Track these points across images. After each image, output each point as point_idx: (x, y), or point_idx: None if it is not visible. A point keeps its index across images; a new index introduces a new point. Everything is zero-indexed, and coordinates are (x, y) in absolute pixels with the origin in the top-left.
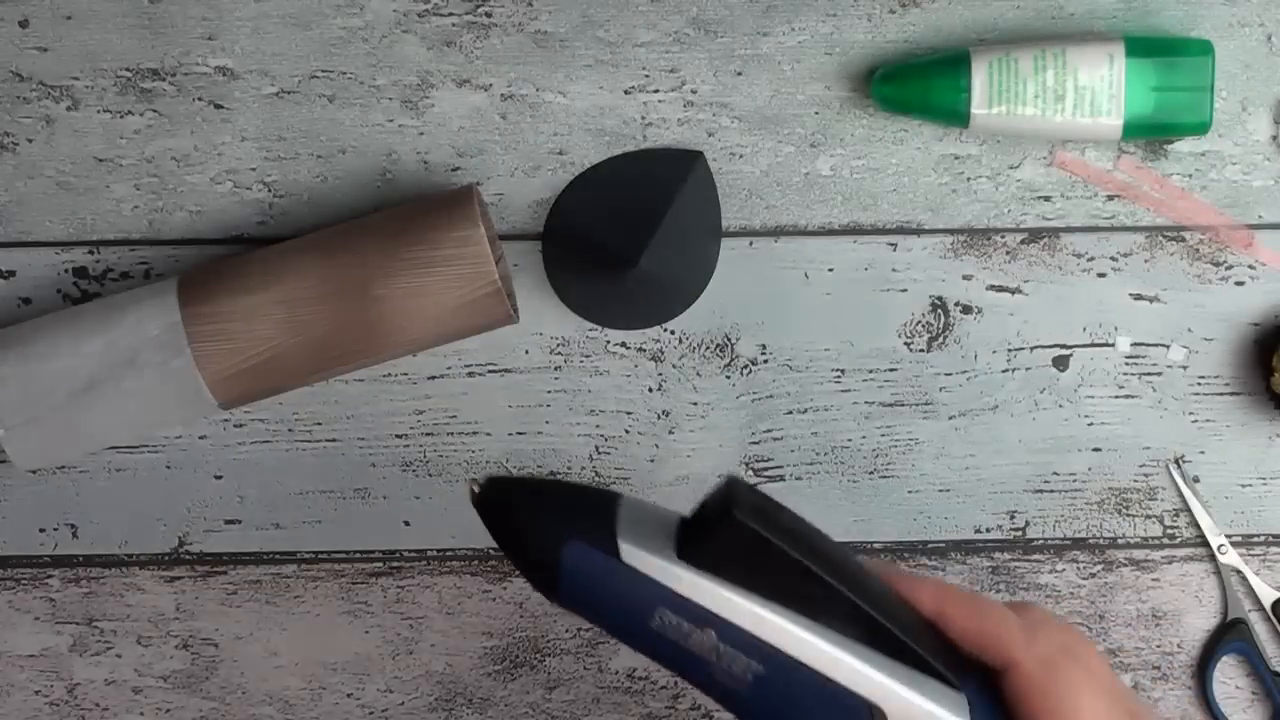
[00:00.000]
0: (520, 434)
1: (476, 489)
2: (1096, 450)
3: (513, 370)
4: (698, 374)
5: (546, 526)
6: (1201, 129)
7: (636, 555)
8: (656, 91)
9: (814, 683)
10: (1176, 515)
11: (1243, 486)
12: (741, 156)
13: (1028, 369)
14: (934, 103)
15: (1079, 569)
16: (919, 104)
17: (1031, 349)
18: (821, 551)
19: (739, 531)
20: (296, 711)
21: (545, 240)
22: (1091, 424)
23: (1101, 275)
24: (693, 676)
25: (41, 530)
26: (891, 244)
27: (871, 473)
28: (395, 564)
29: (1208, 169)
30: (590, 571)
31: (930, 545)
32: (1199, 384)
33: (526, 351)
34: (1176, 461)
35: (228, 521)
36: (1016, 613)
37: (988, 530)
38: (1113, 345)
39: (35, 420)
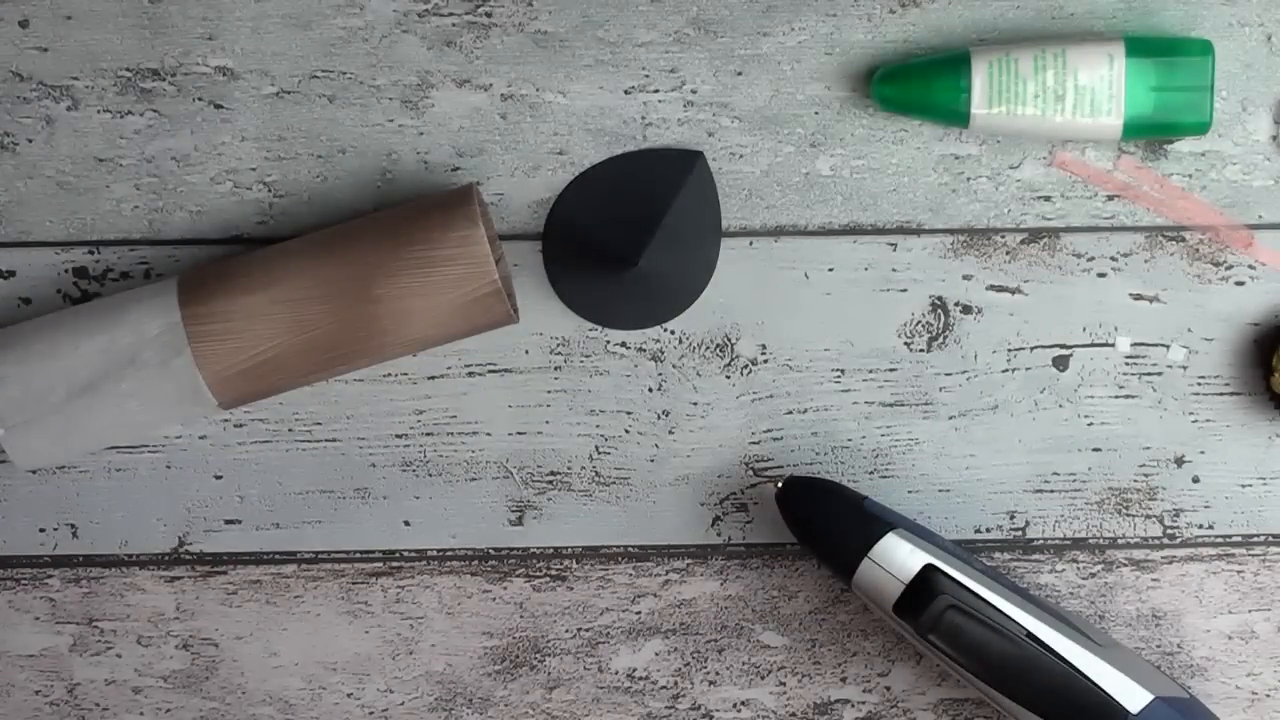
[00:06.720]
0: (520, 434)
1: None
2: (1096, 450)
3: (513, 370)
4: (698, 374)
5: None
6: (1201, 129)
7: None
8: (656, 91)
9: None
10: (1176, 515)
11: (1243, 486)
12: (741, 156)
13: (1028, 369)
14: (934, 103)
15: (1079, 569)
16: (919, 104)
17: (1031, 349)
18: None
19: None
20: (296, 711)
21: (545, 240)
22: (1091, 424)
23: (1101, 275)
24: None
25: (41, 530)
26: (891, 244)
27: (871, 473)
28: (395, 564)
29: (1208, 169)
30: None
31: None
32: (1199, 384)
33: (526, 351)
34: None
35: (228, 521)
36: None
37: (988, 530)
38: (1113, 345)
39: (35, 420)
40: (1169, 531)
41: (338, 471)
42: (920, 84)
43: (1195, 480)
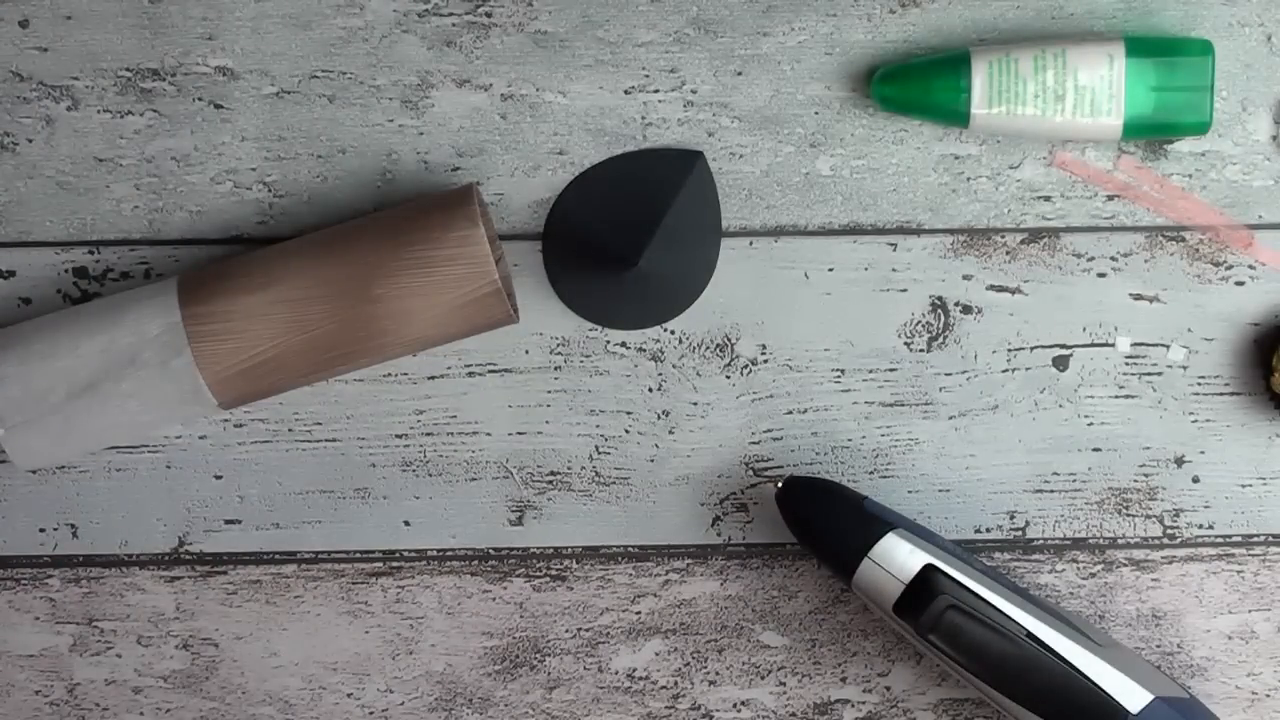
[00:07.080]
0: (520, 434)
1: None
2: (1096, 450)
3: (513, 370)
4: (698, 374)
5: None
6: (1201, 129)
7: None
8: (656, 91)
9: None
10: (1176, 515)
11: (1243, 486)
12: (741, 156)
13: (1028, 369)
14: (934, 103)
15: (1079, 569)
16: (919, 104)
17: (1031, 349)
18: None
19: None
20: (296, 711)
21: (545, 240)
22: (1091, 424)
23: (1101, 275)
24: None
25: (41, 530)
26: (891, 244)
27: (871, 473)
28: (395, 564)
29: (1208, 169)
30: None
31: None
32: (1199, 384)
33: (526, 351)
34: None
35: (228, 521)
36: None
37: (988, 530)
38: (1113, 345)
39: (35, 420)
40: (1169, 531)
41: (338, 471)
42: (920, 84)
43: (1195, 480)
